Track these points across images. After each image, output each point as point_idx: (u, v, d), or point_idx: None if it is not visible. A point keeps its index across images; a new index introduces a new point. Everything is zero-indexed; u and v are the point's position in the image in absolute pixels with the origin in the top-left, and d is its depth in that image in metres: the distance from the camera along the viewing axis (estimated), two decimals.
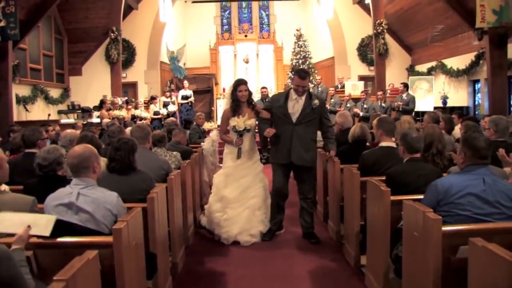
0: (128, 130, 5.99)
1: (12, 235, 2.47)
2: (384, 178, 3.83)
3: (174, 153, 5.43)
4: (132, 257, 2.79)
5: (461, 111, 8.42)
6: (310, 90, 5.55)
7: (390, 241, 3.45)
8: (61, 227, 2.59)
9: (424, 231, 2.72)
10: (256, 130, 5.73)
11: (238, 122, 5.40)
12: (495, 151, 4.09)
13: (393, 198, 3.46)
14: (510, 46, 9.26)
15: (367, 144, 5.45)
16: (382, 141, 4.55)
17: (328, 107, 12.46)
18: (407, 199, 3.07)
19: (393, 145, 4.44)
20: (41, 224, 2.55)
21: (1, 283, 1.81)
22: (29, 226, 2.48)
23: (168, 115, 12.62)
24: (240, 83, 5.60)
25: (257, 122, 5.60)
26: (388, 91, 13.71)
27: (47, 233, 2.54)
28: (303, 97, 5.25)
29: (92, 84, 15.92)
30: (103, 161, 3.39)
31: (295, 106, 5.24)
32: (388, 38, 15.59)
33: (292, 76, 5.06)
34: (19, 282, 1.90)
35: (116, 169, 3.55)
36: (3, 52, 9.34)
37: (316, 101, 5.25)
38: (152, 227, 3.45)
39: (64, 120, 12.72)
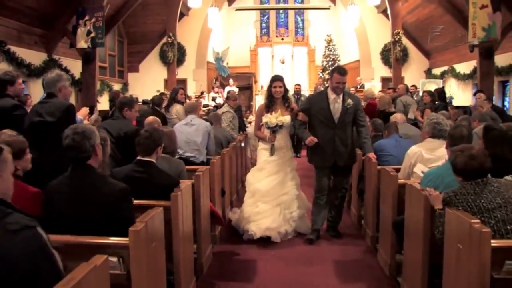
0: None
1: None
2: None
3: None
4: (218, 179, 5.25)
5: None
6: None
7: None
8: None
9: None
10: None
11: (270, 118, 5.30)
12: None
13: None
14: (498, 57, 11.05)
15: None
16: None
17: None
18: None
19: None
20: None
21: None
22: None
23: (217, 107, 14.41)
24: (275, 79, 5.50)
25: (292, 123, 5.48)
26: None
27: None
28: (341, 97, 5.13)
29: (147, 80, 17.86)
30: None
31: (335, 106, 5.11)
32: (409, 43, 17.33)
33: (330, 75, 5.19)
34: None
35: None
36: (92, 56, 11.52)
37: (350, 101, 5.13)
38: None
39: None
